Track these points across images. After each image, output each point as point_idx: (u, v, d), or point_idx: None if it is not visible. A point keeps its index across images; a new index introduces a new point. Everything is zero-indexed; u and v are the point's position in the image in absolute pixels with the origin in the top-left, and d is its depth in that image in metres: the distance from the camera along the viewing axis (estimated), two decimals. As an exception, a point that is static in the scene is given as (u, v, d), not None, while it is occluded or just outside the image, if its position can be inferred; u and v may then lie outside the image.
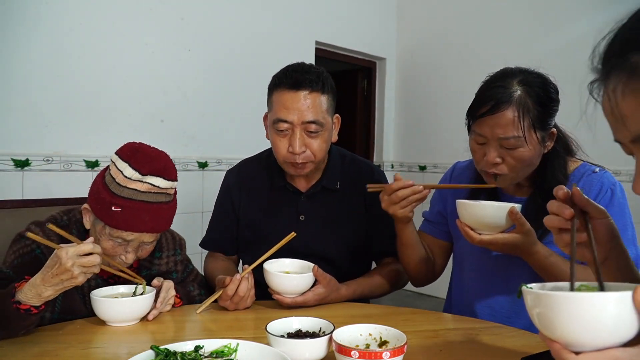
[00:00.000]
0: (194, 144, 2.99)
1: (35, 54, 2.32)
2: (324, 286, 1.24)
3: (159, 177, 1.14)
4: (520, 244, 1.06)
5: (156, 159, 1.16)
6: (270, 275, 1.20)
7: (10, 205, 1.64)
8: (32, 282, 0.98)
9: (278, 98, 1.32)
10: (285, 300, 1.20)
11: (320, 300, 1.25)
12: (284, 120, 1.30)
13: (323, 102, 1.32)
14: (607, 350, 0.52)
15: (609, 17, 0.60)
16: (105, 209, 1.11)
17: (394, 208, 1.19)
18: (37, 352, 0.94)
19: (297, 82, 1.29)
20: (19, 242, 1.18)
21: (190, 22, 2.93)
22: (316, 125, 1.31)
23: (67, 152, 2.46)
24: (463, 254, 1.37)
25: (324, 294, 1.24)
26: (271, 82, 1.37)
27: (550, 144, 1.18)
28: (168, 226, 1.21)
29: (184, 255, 1.39)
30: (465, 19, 4.01)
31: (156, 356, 0.81)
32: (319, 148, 1.34)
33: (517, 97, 1.10)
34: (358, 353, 0.80)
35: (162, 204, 1.16)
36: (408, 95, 4.45)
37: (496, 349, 0.99)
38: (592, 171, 1.20)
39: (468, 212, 1.10)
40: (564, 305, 0.52)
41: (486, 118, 1.12)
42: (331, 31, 3.87)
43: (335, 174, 1.47)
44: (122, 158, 1.15)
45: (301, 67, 1.33)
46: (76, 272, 0.97)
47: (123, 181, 1.12)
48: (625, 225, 1.14)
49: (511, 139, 1.10)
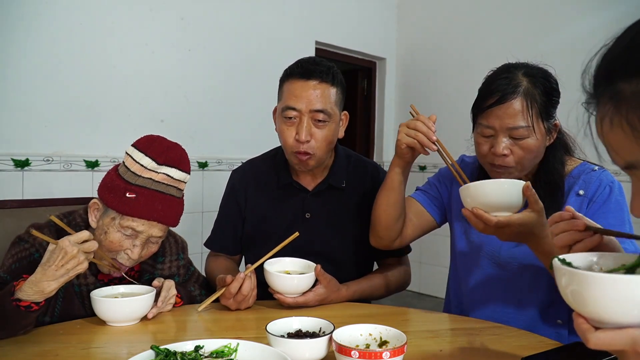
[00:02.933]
0: (194, 144, 2.99)
1: (36, 54, 2.32)
2: (324, 286, 1.25)
3: (173, 168, 1.18)
4: (535, 224, 1.02)
5: (172, 149, 1.21)
6: (270, 276, 1.21)
7: (10, 205, 1.64)
8: (32, 280, 0.98)
9: (288, 87, 1.34)
10: (286, 300, 1.21)
11: (321, 301, 1.25)
12: (292, 108, 1.32)
13: (332, 94, 1.34)
14: (625, 329, 0.54)
15: (609, 17, 0.60)
16: (119, 197, 1.14)
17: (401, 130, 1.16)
18: (37, 352, 0.94)
19: (307, 72, 1.32)
20: (18, 245, 1.17)
21: (190, 22, 2.93)
22: (324, 115, 1.32)
23: (67, 152, 2.46)
24: (463, 253, 1.36)
25: (324, 294, 1.25)
26: (283, 74, 1.39)
27: (554, 135, 1.19)
28: (176, 223, 1.22)
29: (186, 259, 1.39)
30: (465, 19, 4.01)
31: (156, 356, 0.81)
32: (324, 139, 1.34)
33: (524, 87, 1.12)
34: (358, 353, 0.80)
35: (173, 197, 1.19)
36: (408, 95, 4.45)
37: (496, 349, 0.99)
38: (591, 169, 1.21)
39: (482, 192, 1.03)
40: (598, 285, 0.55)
41: (494, 109, 1.13)
42: (331, 31, 3.87)
43: (342, 172, 1.48)
44: (138, 149, 1.19)
45: (313, 60, 1.37)
46: (82, 258, 1.00)
47: (139, 170, 1.16)
48: (622, 221, 1.14)
49: (520, 129, 1.11)
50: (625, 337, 0.53)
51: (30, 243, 1.16)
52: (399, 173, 1.24)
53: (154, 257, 1.29)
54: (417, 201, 1.39)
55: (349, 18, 4.04)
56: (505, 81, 1.13)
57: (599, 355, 0.91)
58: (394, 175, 1.24)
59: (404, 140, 1.16)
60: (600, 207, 1.16)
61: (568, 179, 1.21)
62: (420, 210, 1.38)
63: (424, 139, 1.13)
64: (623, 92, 0.53)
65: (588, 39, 3.29)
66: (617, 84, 0.54)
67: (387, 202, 1.26)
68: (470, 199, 1.05)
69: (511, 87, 1.12)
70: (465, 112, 1.44)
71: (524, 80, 1.13)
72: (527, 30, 3.59)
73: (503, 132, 1.13)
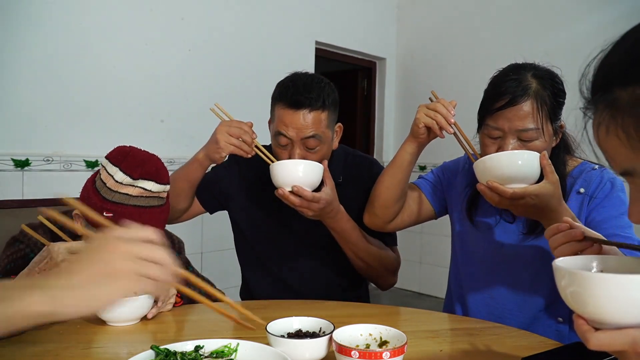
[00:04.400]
0: (194, 144, 2.97)
1: (35, 54, 2.32)
2: (331, 188, 1.26)
3: (150, 181, 1.12)
4: (552, 197, 1.02)
5: (147, 162, 1.14)
6: (280, 167, 1.22)
7: (10, 205, 1.64)
8: (18, 280, 0.97)
9: (278, 113, 1.33)
10: (304, 192, 1.20)
11: (327, 203, 1.25)
12: (283, 135, 1.32)
13: (323, 119, 1.33)
14: (625, 329, 0.54)
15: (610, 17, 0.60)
16: None
17: (420, 110, 1.17)
18: (37, 352, 0.94)
19: (297, 103, 1.30)
20: (13, 246, 1.17)
21: (190, 22, 2.93)
22: (315, 140, 1.32)
23: (67, 152, 2.46)
24: (463, 252, 1.36)
25: (332, 195, 1.26)
26: (274, 91, 1.38)
27: (560, 136, 1.19)
28: (161, 229, 1.19)
29: (183, 258, 1.39)
30: (465, 19, 4.01)
31: (156, 356, 0.81)
32: (317, 160, 1.34)
33: (534, 89, 1.11)
34: (358, 353, 0.80)
35: (154, 208, 1.14)
36: (408, 95, 4.45)
37: (496, 349, 0.99)
38: (591, 168, 1.21)
39: (497, 164, 1.03)
40: (598, 285, 0.55)
41: (504, 111, 1.12)
42: (331, 31, 3.87)
43: (339, 167, 1.49)
44: (112, 162, 1.13)
45: (303, 85, 1.32)
46: None
47: (114, 186, 1.10)
48: (622, 214, 1.13)
49: (530, 131, 1.11)
50: (625, 337, 0.54)
51: (25, 243, 1.15)
52: (410, 153, 1.23)
53: None
54: (419, 188, 1.39)
55: (349, 18, 4.04)
56: (514, 83, 1.12)
57: (600, 355, 0.91)
58: (405, 155, 1.23)
59: (423, 120, 1.15)
60: (601, 201, 1.15)
61: (568, 178, 1.21)
62: (421, 197, 1.38)
63: (442, 121, 1.13)
64: (619, 99, 0.53)
65: (589, 39, 3.29)
66: (614, 91, 0.53)
67: (392, 180, 1.26)
68: (485, 173, 1.06)
69: (521, 89, 1.11)
70: (465, 112, 1.44)
71: (534, 82, 1.12)
72: (528, 30, 3.59)
73: (512, 134, 1.12)
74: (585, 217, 1.17)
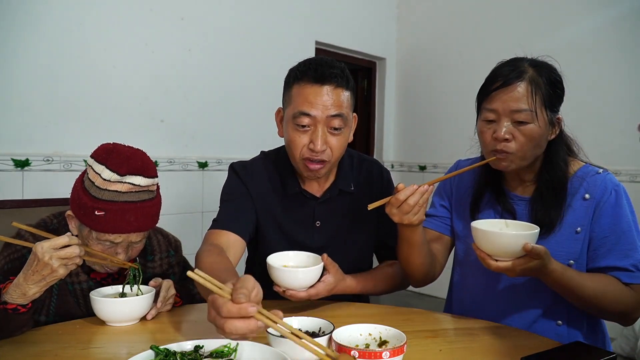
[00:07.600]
0: (194, 144, 2.99)
1: (36, 54, 2.32)
2: (333, 274, 1.18)
3: (138, 176, 1.12)
4: (538, 267, 1.05)
5: (132, 158, 1.13)
6: (278, 272, 1.10)
7: (10, 205, 1.64)
8: (15, 282, 0.98)
9: (300, 91, 1.24)
10: (299, 295, 1.12)
11: (330, 291, 1.18)
12: (306, 114, 1.22)
13: (347, 98, 1.26)
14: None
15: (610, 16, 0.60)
16: (88, 214, 1.10)
17: (408, 218, 1.13)
18: (36, 352, 0.94)
19: (322, 76, 1.22)
20: (10, 247, 1.17)
21: (190, 22, 2.93)
22: (340, 120, 1.24)
23: (67, 152, 2.46)
24: (465, 254, 1.37)
25: (333, 283, 1.18)
26: (290, 75, 1.30)
27: (557, 129, 1.20)
28: (154, 223, 1.20)
29: (179, 257, 1.38)
30: (465, 19, 4.01)
31: (156, 356, 0.81)
32: (339, 146, 1.28)
33: (530, 74, 1.15)
34: (358, 353, 0.80)
35: (145, 201, 1.14)
36: (408, 95, 4.45)
37: (496, 349, 0.99)
38: (595, 172, 1.22)
39: (485, 240, 1.06)
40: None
41: (499, 92, 1.15)
42: (331, 31, 3.87)
43: (349, 175, 1.43)
44: (97, 160, 1.12)
45: (325, 61, 1.26)
46: (55, 265, 0.95)
47: (102, 184, 1.10)
48: (629, 227, 1.16)
49: (523, 112, 1.13)
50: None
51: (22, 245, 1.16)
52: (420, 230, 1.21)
53: (144, 256, 1.28)
54: (433, 230, 1.40)
55: (349, 18, 4.04)
56: (510, 67, 1.17)
57: (598, 354, 0.91)
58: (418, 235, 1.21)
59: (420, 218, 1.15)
60: (610, 212, 1.17)
61: (572, 179, 1.22)
62: (438, 237, 1.40)
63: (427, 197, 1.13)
64: None
65: (588, 39, 3.29)
66: None
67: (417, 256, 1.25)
68: (477, 241, 1.09)
69: (516, 72, 1.15)
70: (465, 112, 1.44)
71: (530, 69, 1.16)
72: (528, 30, 3.59)
73: (506, 116, 1.15)
74: (590, 225, 1.19)
